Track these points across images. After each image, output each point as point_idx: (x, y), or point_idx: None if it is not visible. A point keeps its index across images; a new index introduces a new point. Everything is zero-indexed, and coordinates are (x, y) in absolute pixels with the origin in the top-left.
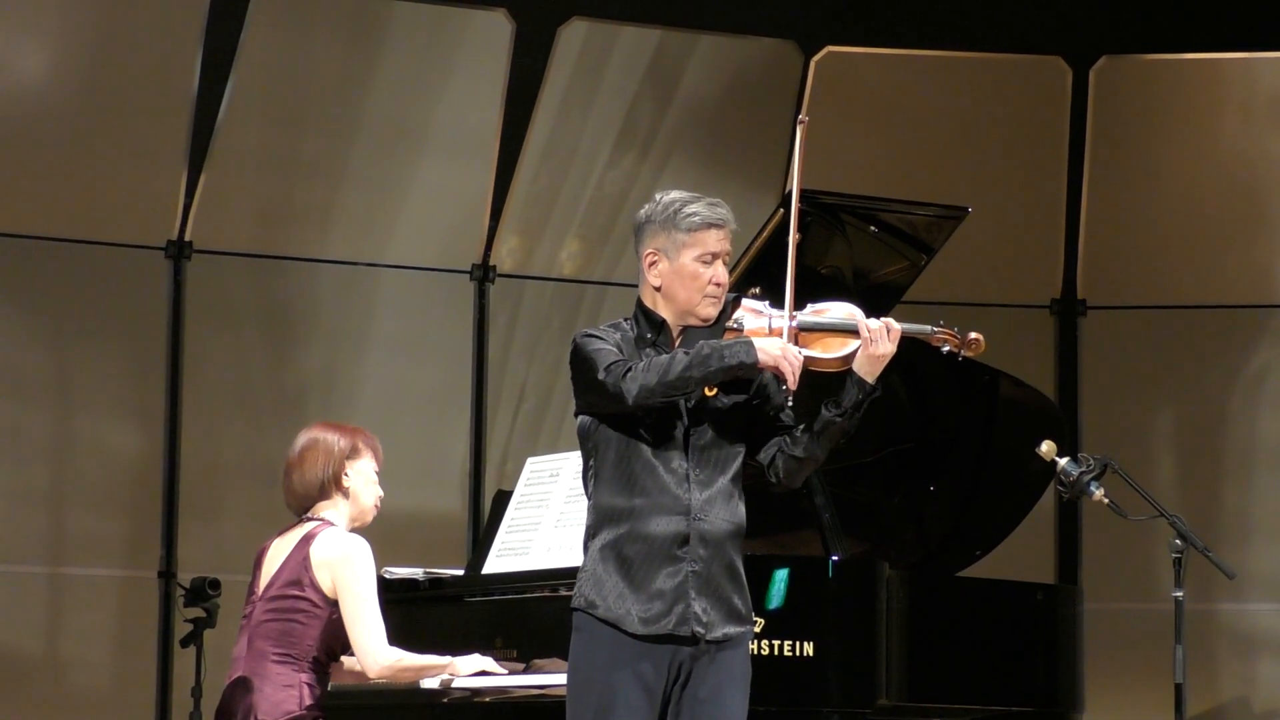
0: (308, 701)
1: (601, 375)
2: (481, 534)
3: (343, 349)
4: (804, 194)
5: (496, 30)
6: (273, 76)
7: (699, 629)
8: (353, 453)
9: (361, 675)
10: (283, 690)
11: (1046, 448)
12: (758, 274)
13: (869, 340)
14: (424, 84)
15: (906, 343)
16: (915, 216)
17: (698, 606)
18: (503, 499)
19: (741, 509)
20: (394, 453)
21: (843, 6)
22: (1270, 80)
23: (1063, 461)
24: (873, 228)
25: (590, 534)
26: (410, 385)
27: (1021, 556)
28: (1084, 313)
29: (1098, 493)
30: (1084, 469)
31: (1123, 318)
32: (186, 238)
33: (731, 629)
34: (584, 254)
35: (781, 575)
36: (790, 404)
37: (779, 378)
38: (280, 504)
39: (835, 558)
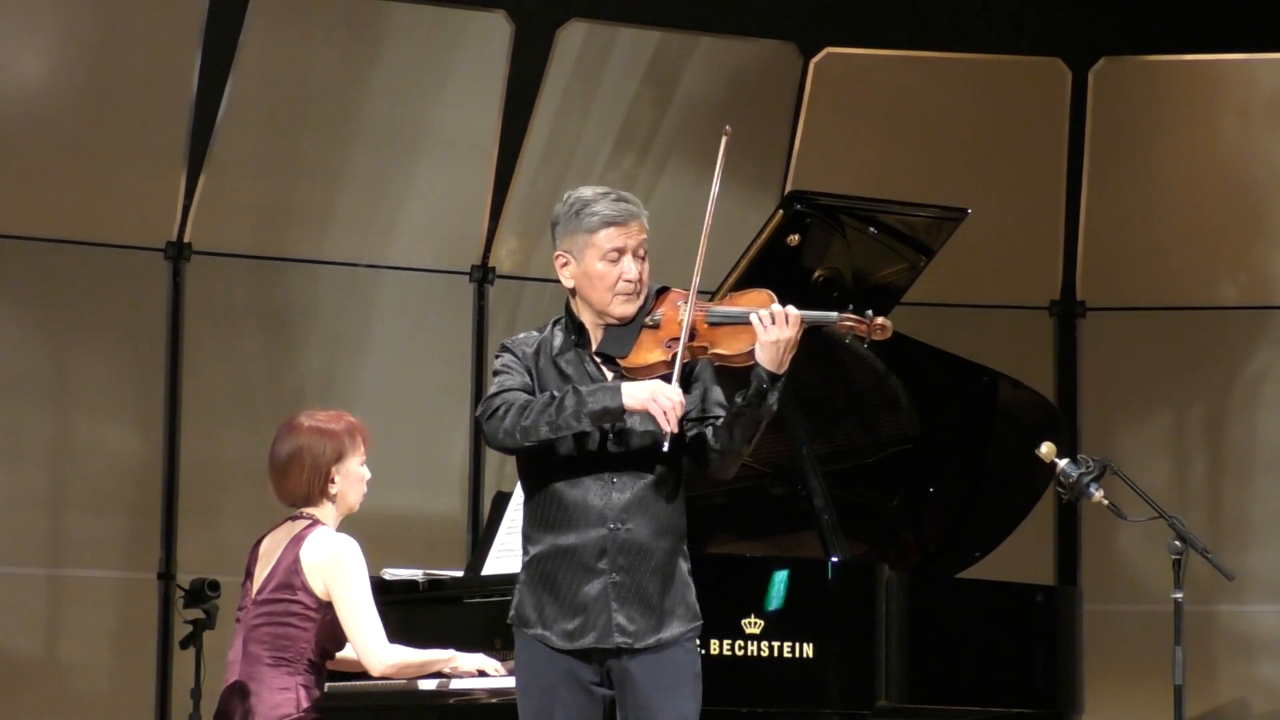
0: (304, 704)
1: (479, 408)
2: (481, 535)
3: (342, 350)
4: (803, 195)
5: (495, 32)
6: (272, 78)
7: (623, 639)
8: (338, 458)
9: (358, 661)
10: (279, 693)
11: (1046, 449)
12: (757, 275)
13: (759, 328)
14: (423, 85)
15: (904, 345)
16: (914, 218)
17: (621, 617)
18: (502, 500)
19: (672, 510)
20: (393, 454)
21: (842, 8)
22: (1269, 81)
23: (1062, 463)
24: (872, 229)
25: (522, 545)
26: (409, 386)
27: (1021, 558)
28: (1083, 314)
29: (1097, 494)
30: (1083, 470)
31: (1122, 319)
32: (186, 239)
33: (665, 634)
34: None
35: (781, 577)
36: (666, 447)
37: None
38: (279, 506)
39: (835, 559)
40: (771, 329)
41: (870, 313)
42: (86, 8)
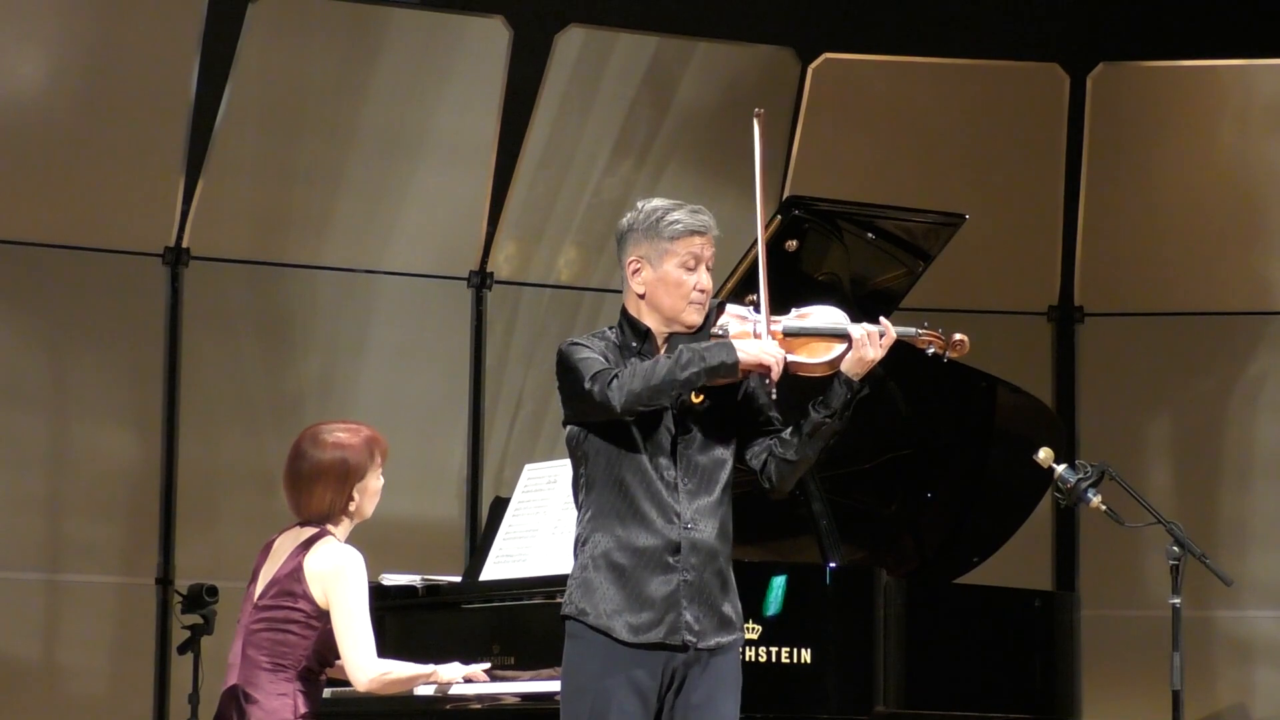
0: (302, 709)
1: (588, 384)
2: (479, 541)
3: (340, 355)
4: (801, 200)
5: (494, 37)
6: (270, 83)
7: (690, 638)
8: (360, 476)
9: None
10: (276, 699)
11: (1044, 455)
12: (755, 281)
13: (861, 344)
14: (421, 91)
15: (903, 350)
16: (913, 223)
17: (689, 615)
18: (500, 506)
19: (729, 516)
20: (391, 459)
21: (841, 13)
22: (1267, 87)
23: (1060, 468)
24: (870, 234)
25: (580, 541)
26: (407, 392)
27: (1019, 563)
28: (1081, 319)
29: (1095, 500)
30: (1081, 476)
31: (1120, 324)
32: (184, 244)
33: (724, 637)
34: (581, 261)
35: (779, 582)
36: (774, 396)
37: (762, 374)
38: (278, 512)
39: (833, 564)
40: (870, 346)
41: (942, 330)
42: (85, 13)
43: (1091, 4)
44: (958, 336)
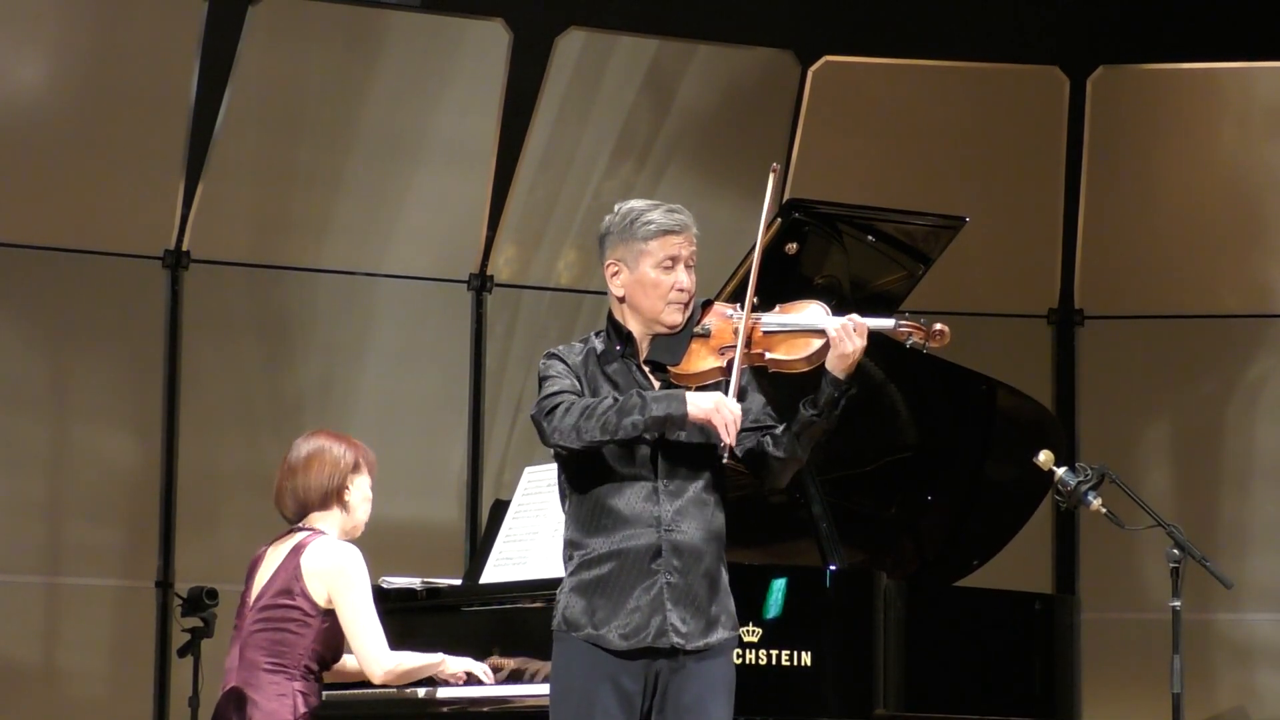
0: (301, 710)
1: (534, 409)
2: (479, 543)
3: (340, 359)
4: (801, 203)
5: (494, 40)
6: (270, 86)
7: (677, 640)
8: (355, 467)
9: (359, 672)
10: (276, 700)
11: (1044, 457)
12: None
13: (836, 340)
14: (421, 94)
15: (895, 349)
16: (913, 226)
17: (675, 618)
18: (500, 508)
19: (718, 516)
20: (391, 462)
21: (840, 16)
22: (1267, 90)
23: (1060, 471)
24: (870, 237)
25: (566, 551)
26: (407, 395)
27: (1019, 566)
28: (1081, 322)
29: (1095, 502)
30: (1081, 479)
31: (1120, 327)
32: (184, 247)
33: (712, 638)
34: (581, 263)
35: (779, 585)
36: (726, 459)
37: (714, 431)
38: (278, 514)
39: (833, 567)
40: (845, 340)
41: (924, 320)
42: (85, 16)
43: (1091, 7)
44: (938, 326)
